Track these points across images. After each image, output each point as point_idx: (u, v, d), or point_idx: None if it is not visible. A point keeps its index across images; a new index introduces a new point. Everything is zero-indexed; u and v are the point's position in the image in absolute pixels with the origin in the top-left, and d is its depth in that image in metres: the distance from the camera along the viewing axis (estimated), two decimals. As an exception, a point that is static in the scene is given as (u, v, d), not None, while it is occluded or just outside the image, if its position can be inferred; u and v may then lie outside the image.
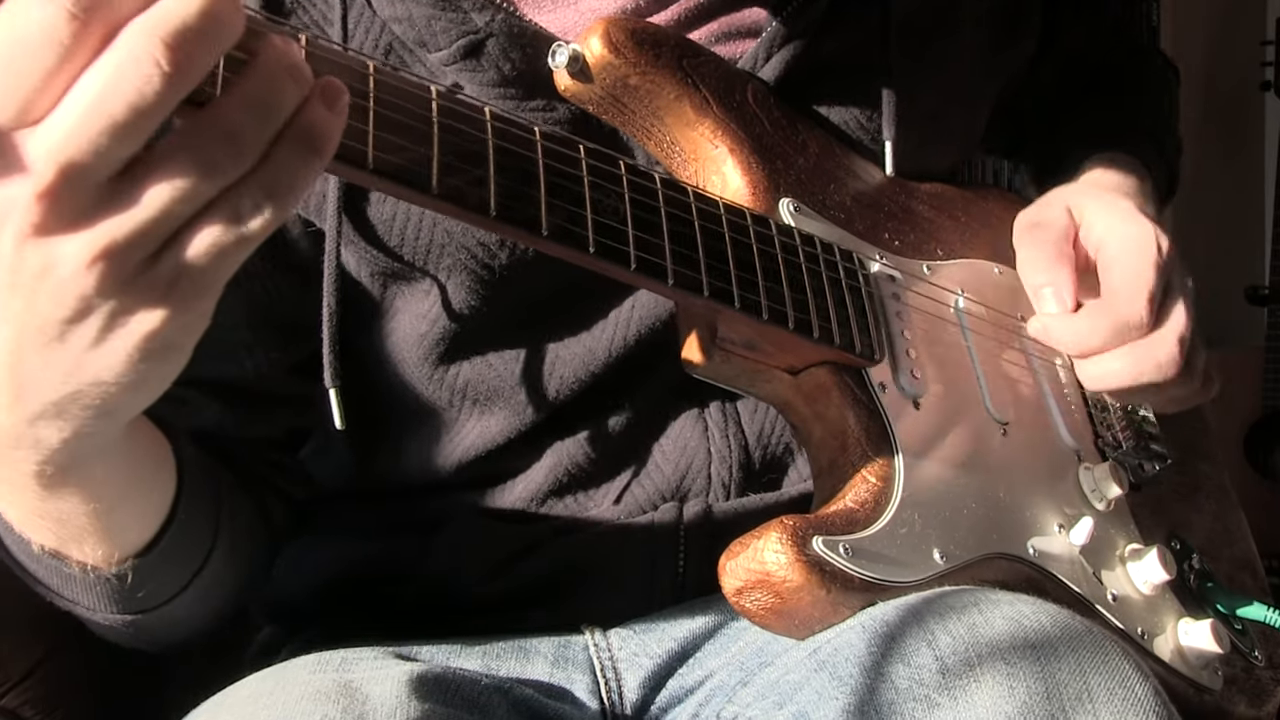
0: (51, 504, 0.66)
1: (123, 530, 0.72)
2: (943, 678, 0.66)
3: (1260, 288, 2.97)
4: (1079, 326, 0.89)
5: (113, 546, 0.72)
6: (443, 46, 0.80)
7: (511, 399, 0.88)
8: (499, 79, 0.81)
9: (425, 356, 0.87)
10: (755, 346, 0.78)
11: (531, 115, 0.82)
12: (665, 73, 0.80)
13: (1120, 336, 0.88)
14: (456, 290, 0.84)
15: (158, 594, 0.78)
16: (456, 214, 0.63)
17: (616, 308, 0.86)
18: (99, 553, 0.71)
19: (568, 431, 0.89)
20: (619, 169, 0.71)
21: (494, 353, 0.87)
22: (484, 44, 0.80)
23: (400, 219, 0.83)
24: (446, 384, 0.88)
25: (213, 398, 0.86)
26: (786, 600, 0.72)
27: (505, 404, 0.88)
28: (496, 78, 0.80)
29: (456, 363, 0.87)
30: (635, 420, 0.89)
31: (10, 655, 0.95)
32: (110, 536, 0.71)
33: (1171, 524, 0.99)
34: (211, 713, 0.75)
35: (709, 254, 0.73)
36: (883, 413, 0.80)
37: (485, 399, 0.88)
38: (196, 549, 0.80)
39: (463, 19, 0.79)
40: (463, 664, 0.84)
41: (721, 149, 0.82)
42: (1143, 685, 0.67)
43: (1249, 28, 3.39)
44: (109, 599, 0.76)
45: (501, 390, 0.88)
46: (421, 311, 0.86)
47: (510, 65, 0.80)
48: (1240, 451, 2.90)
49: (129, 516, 0.72)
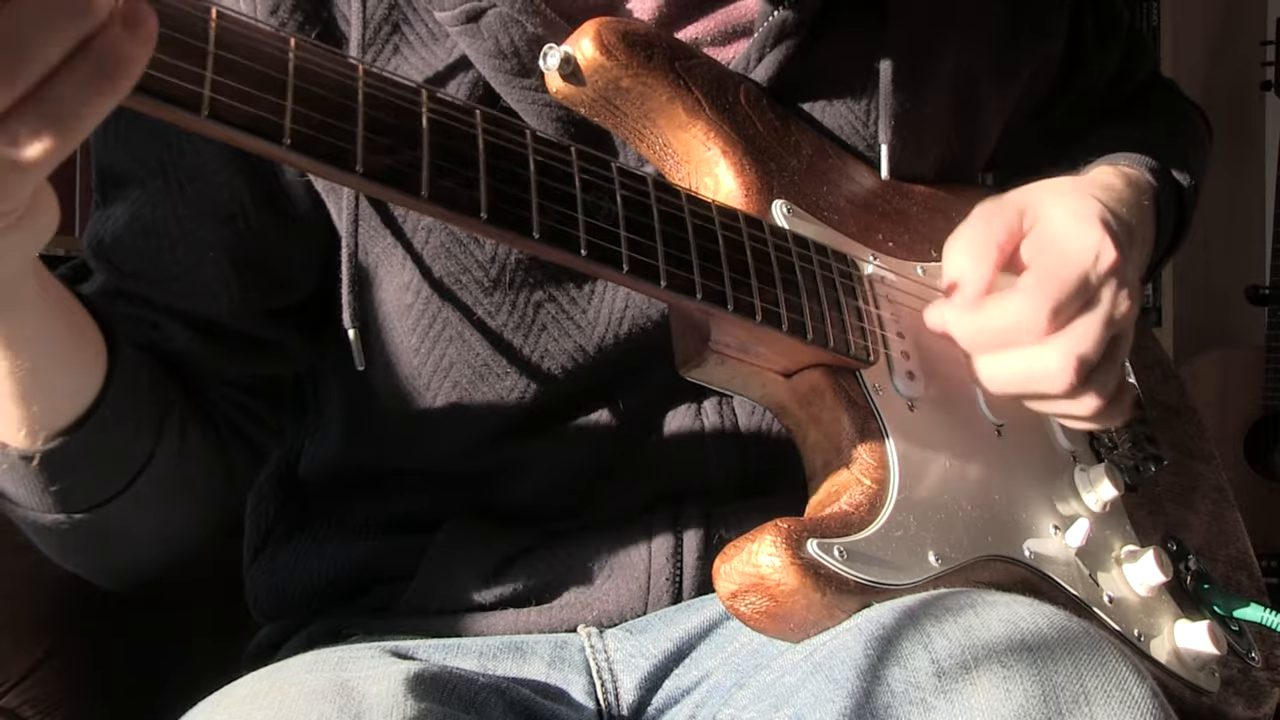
0: None
1: (46, 399, 0.73)
2: (938, 680, 0.66)
3: (1260, 288, 2.98)
4: (975, 319, 0.83)
5: (36, 423, 0.73)
6: (448, 7, 0.81)
7: (506, 401, 0.87)
8: (496, 50, 0.81)
9: (411, 329, 0.86)
10: (749, 349, 0.78)
11: (525, 94, 0.82)
12: (657, 74, 0.80)
13: (1014, 336, 0.82)
14: (435, 256, 0.84)
15: (91, 491, 0.79)
16: (447, 217, 0.63)
17: (610, 304, 0.86)
18: (22, 431, 0.73)
19: (565, 432, 0.89)
20: (610, 172, 0.71)
21: (478, 330, 0.86)
22: (484, 12, 0.81)
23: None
24: (432, 361, 0.87)
25: (184, 326, 0.86)
26: (781, 604, 0.72)
27: (492, 387, 0.87)
28: (494, 48, 0.81)
29: (441, 338, 0.87)
30: (633, 421, 0.89)
31: (10, 655, 0.95)
32: (31, 404, 0.72)
33: (1168, 525, 0.99)
34: (209, 712, 0.75)
35: (702, 256, 0.73)
36: (877, 415, 0.80)
37: (470, 381, 0.87)
38: (131, 449, 0.80)
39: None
40: (459, 663, 0.84)
41: (714, 151, 0.82)
42: (1139, 686, 0.67)
43: (1249, 28, 3.40)
44: (39, 490, 0.76)
45: (487, 373, 0.87)
46: (403, 282, 0.85)
47: (509, 40, 0.81)
48: (1240, 451, 2.91)
49: (51, 385, 0.73)
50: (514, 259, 0.84)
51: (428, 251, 0.84)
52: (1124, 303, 0.84)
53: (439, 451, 0.90)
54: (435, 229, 0.83)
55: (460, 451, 0.90)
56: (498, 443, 0.89)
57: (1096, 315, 0.83)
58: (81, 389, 0.75)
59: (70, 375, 0.75)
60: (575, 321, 0.86)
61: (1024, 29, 1.02)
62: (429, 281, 0.85)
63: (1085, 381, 0.82)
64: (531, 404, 0.87)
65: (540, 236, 0.65)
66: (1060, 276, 0.82)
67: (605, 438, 0.89)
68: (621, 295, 0.86)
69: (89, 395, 0.75)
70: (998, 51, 0.99)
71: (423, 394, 0.88)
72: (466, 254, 0.84)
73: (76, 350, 0.75)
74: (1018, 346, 0.82)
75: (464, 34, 0.81)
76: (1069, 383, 0.81)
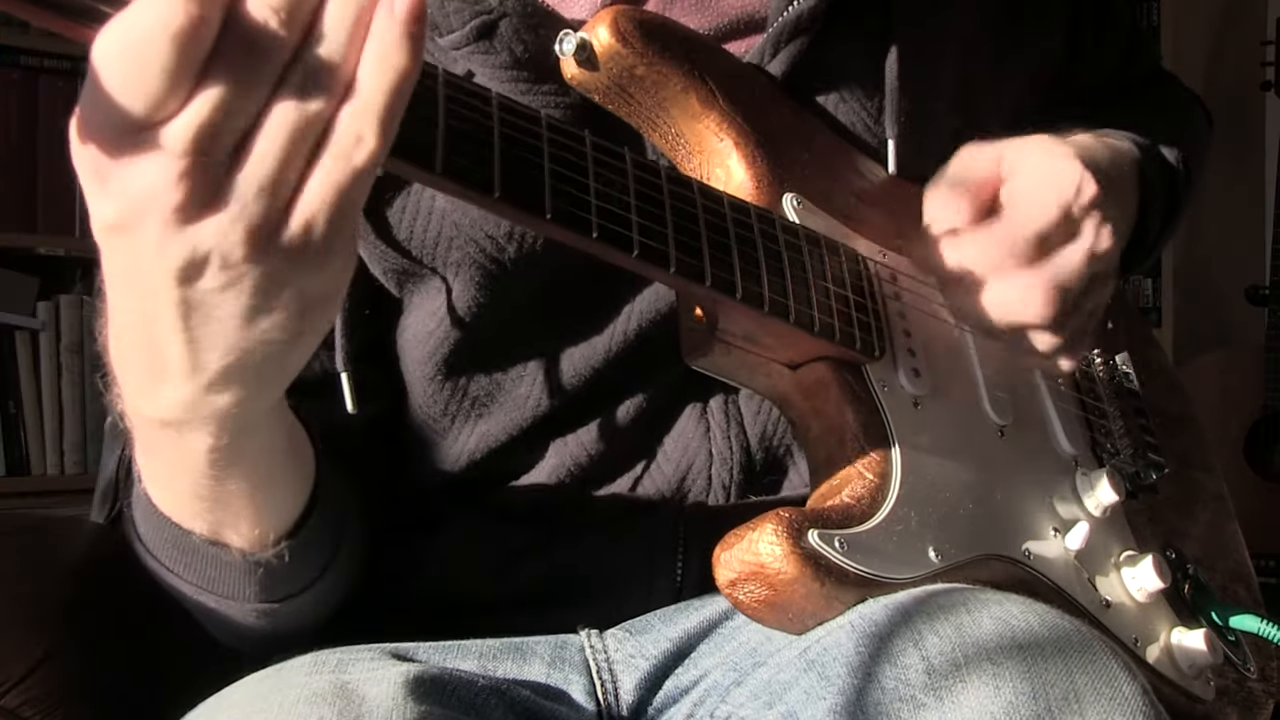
0: (216, 484, 0.67)
1: (275, 509, 0.73)
2: (929, 678, 0.66)
3: (1260, 288, 2.98)
4: (955, 249, 0.83)
5: (267, 527, 0.73)
6: (455, 28, 0.80)
7: (513, 397, 0.88)
8: (511, 60, 0.81)
9: (430, 355, 0.87)
10: (755, 339, 0.78)
11: (543, 99, 0.82)
12: (672, 64, 0.80)
13: (995, 263, 0.81)
14: (465, 287, 0.84)
15: (299, 579, 0.79)
16: (460, 194, 0.64)
17: (618, 304, 0.86)
18: (255, 534, 0.72)
19: (570, 432, 0.89)
20: (624, 162, 0.72)
21: (498, 352, 0.88)
22: (497, 24, 0.80)
23: (410, 212, 0.83)
24: (450, 383, 0.88)
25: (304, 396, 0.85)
26: (780, 593, 0.72)
27: (507, 401, 0.88)
28: (509, 59, 0.81)
29: (460, 362, 0.88)
30: (637, 420, 0.89)
31: (10, 655, 0.95)
32: (264, 517, 0.72)
33: (1167, 533, 0.99)
34: (209, 713, 0.75)
35: (712, 245, 0.73)
36: (881, 410, 0.80)
37: (488, 398, 0.89)
38: (332, 532, 0.80)
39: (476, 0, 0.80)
40: (459, 665, 0.84)
41: (727, 142, 0.82)
42: (1130, 684, 0.67)
43: (1249, 28, 3.40)
44: (260, 585, 0.76)
45: (505, 388, 0.88)
46: (432, 309, 0.86)
47: (523, 47, 0.80)
48: (1240, 452, 2.90)
49: (281, 493, 0.73)
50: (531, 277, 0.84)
51: (459, 281, 0.84)
52: (1106, 239, 0.84)
53: (446, 459, 0.91)
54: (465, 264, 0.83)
55: (468, 459, 0.90)
56: (505, 448, 0.90)
57: (1078, 247, 0.83)
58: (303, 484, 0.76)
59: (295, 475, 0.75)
60: (588, 323, 0.86)
61: (1025, 26, 1.02)
62: (457, 310, 0.85)
63: (1063, 316, 0.82)
64: (542, 410, 0.88)
65: (552, 216, 0.66)
66: (1043, 207, 0.82)
67: (612, 436, 0.89)
68: (630, 296, 0.86)
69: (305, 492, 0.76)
70: (999, 49, 1.00)
71: (439, 416, 0.90)
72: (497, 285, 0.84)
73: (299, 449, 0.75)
74: (998, 276, 0.82)
75: (474, 53, 0.81)
76: (1047, 314, 0.81)
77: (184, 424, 0.61)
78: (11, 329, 2.57)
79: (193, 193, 0.51)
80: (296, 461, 0.74)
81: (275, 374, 0.60)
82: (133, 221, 0.52)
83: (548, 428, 0.89)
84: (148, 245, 0.53)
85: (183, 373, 0.57)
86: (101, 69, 0.50)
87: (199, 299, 0.54)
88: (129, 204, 0.52)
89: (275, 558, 0.74)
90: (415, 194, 0.83)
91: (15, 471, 2.56)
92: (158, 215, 0.52)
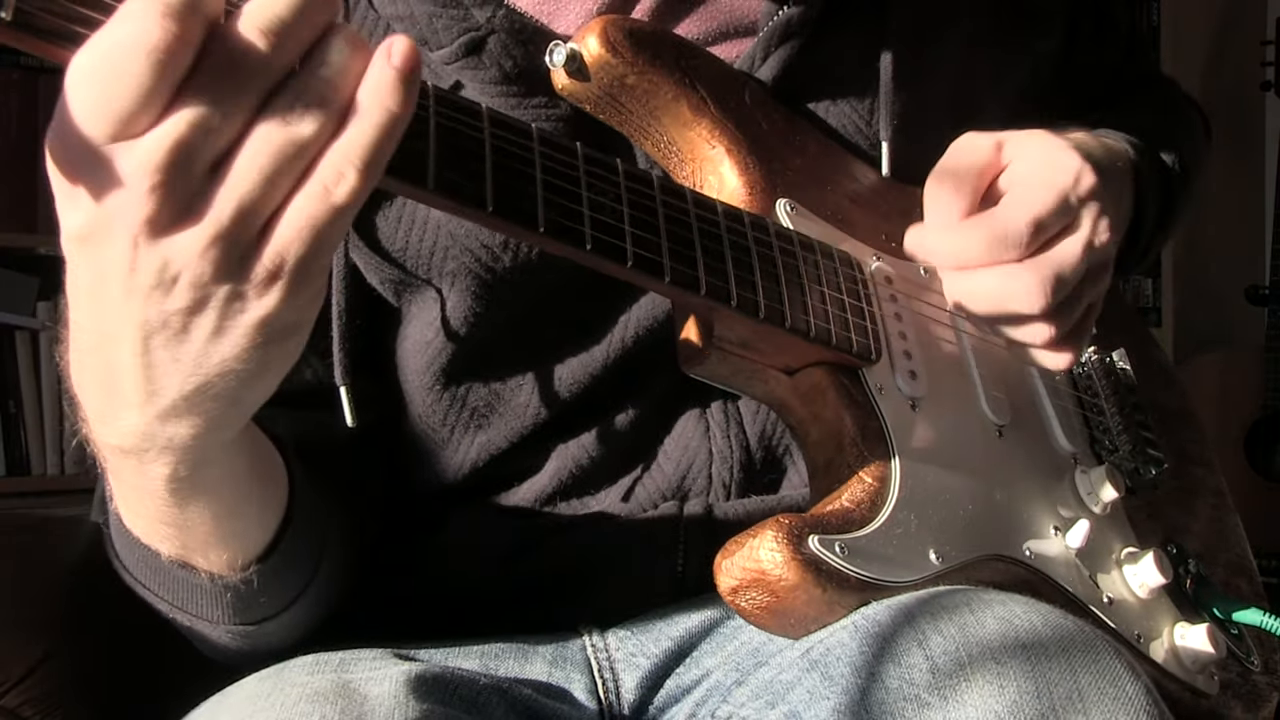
0: (178, 511, 0.66)
1: (243, 534, 0.72)
2: (933, 677, 0.67)
3: (1260, 287, 2.98)
4: (954, 238, 0.82)
5: (235, 552, 0.71)
6: (444, 44, 0.80)
7: (513, 406, 0.88)
8: (500, 76, 0.81)
9: (428, 365, 0.88)
10: (751, 346, 0.78)
11: (533, 113, 0.82)
12: (662, 72, 0.80)
13: (993, 252, 0.81)
14: (461, 297, 0.84)
15: (274, 602, 0.78)
16: (454, 209, 0.64)
17: (614, 312, 0.86)
18: (223, 559, 0.71)
19: (571, 435, 0.89)
20: (616, 173, 0.72)
21: (496, 361, 0.88)
22: (485, 40, 0.80)
23: (405, 223, 0.83)
24: (449, 393, 0.89)
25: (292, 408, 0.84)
26: (782, 599, 0.72)
27: (507, 411, 0.89)
28: (498, 74, 0.81)
29: (459, 372, 0.88)
30: (637, 422, 0.89)
31: (10, 655, 0.95)
32: (232, 542, 0.71)
33: (1168, 529, 0.99)
34: (210, 713, 0.75)
35: (706, 253, 0.73)
36: (879, 413, 0.80)
37: (487, 407, 0.89)
38: (310, 554, 0.79)
39: (464, 15, 0.80)
40: (461, 664, 0.84)
41: (719, 149, 0.82)
42: (1134, 684, 0.67)
43: (1249, 28, 3.41)
44: (232, 608, 0.75)
45: (504, 397, 0.88)
46: (429, 319, 0.86)
47: (512, 62, 0.81)
48: (1240, 452, 2.90)
49: (249, 519, 0.72)
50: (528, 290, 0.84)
51: (454, 292, 0.84)
52: (1104, 231, 0.84)
53: (448, 468, 0.91)
54: (461, 274, 0.83)
55: (470, 467, 0.91)
56: (505, 455, 0.90)
57: (1076, 238, 0.83)
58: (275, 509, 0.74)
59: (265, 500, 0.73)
60: (585, 331, 0.86)
61: (1021, 27, 1.02)
62: (453, 320, 0.85)
63: (1059, 306, 0.82)
64: (542, 417, 0.88)
65: (545, 230, 0.66)
66: (1041, 196, 0.82)
67: (612, 438, 0.89)
68: (627, 304, 0.86)
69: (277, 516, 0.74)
70: (996, 50, 0.99)
71: (439, 427, 0.90)
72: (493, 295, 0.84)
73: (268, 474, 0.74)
74: (995, 264, 0.81)
75: (464, 68, 0.81)
76: (1043, 304, 0.81)
77: (143, 452, 0.60)
78: (11, 329, 2.56)
79: (164, 205, 0.51)
80: (266, 487, 0.73)
81: (233, 406, 0.58)
82: (101, 232, 0.52)
83: (548, 434, 0.89)
84: (115, 258, 0.52)
85: (139, 399, 0.56)
86: (73, 83, 0.50)
87: (162, 319, 0.53)
88: (98, 214, 0.52)
89: (243, 583, 0.72)
90: (410, 205, 0.83)
91: (15, 471, 2.54)
92: (127, 227, 0.51)
